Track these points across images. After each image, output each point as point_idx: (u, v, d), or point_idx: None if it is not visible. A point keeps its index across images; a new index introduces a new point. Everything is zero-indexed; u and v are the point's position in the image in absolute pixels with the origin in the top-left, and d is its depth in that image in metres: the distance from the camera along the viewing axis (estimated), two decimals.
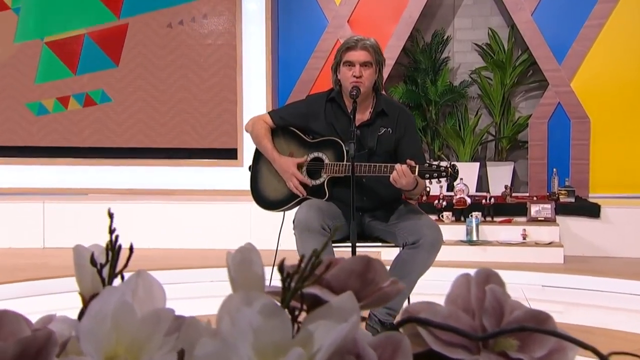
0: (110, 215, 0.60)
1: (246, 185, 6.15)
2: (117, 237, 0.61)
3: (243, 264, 0.61)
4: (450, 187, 5.66)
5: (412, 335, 0.61)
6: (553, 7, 6.16)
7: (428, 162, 2.88)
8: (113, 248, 0.61)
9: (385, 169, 2.90)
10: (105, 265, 0.62)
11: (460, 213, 5.52)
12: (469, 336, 0.57)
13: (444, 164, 2.85)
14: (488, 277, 0.61)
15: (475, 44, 6.75)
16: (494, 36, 6.59)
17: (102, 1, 6.44)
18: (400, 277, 2.92)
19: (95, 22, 6.47)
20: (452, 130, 6.48)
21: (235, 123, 6.34)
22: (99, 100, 6.52)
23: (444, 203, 5.55)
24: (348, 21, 6.40)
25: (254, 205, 5.59)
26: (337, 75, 3.16)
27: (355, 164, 2.86)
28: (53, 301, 4.24)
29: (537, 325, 0.58)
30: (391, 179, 2.85)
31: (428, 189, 5.48)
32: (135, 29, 6.45)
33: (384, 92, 3.31)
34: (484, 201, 5.55)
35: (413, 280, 2.89)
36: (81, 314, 0.65)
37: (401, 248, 2.97)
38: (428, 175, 2.82)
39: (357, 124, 2.97)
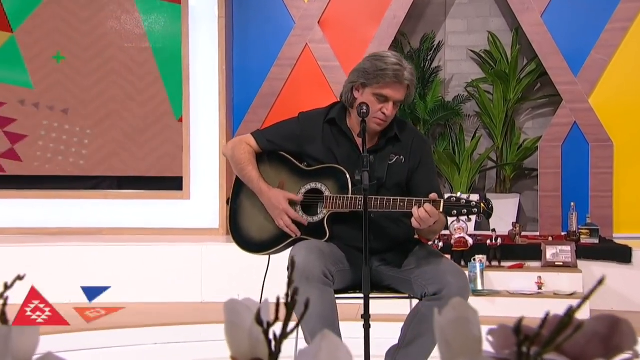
0: (292, 264, 0.57)
1: (195, 222, 6.18)
2: (295, 290, 0.58)
3: (458, 324, 0.59)
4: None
5: None
6: (567, 7, 6.26)
7: (455, 196, 2.88)
8: (289, 303, 0.59)
9: (402, 204, 2.91)
10: (273, 324, 0.60)
11: (461, 256, 5.54)
12: None
13: (474, 197, 2.86)
14: None
15: (472, 51, 6.87)
16: (494, 42, 6.71)
17: None
18: (418, 336, 2.91)
19: None
20: (445, 155, 6.54)
21: (180, 144, 6.28)
22: None
23: (441, 244, 5.57)
24: (319, 22, 6.44)
25: (205, 248, 5.57)
26: (353, 94, 3.14)
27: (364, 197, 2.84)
28: None
29: None
30: (413, 223, 2.86)
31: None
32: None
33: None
34: (488, 242, 5.59)
35: (434, 340, 2.87)
36: None
37: (419, 299, 2.96)
38: (456, 212, 2.83)
39: (362, 150, 2.97)
